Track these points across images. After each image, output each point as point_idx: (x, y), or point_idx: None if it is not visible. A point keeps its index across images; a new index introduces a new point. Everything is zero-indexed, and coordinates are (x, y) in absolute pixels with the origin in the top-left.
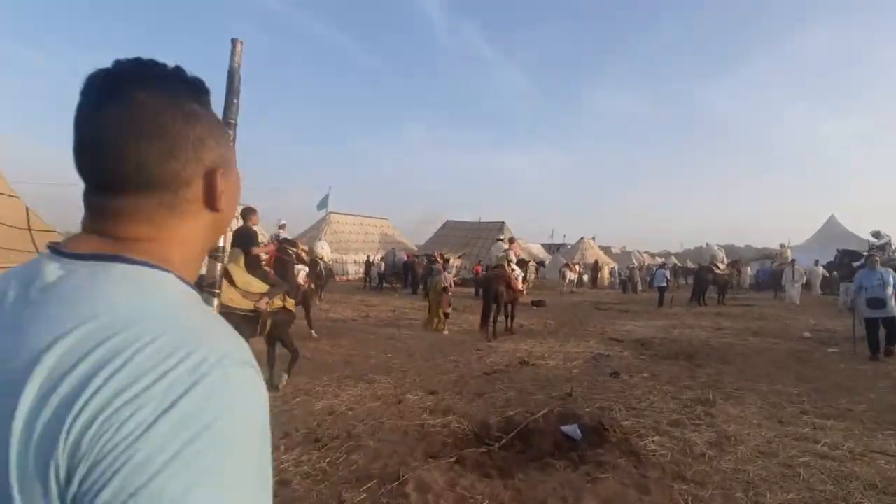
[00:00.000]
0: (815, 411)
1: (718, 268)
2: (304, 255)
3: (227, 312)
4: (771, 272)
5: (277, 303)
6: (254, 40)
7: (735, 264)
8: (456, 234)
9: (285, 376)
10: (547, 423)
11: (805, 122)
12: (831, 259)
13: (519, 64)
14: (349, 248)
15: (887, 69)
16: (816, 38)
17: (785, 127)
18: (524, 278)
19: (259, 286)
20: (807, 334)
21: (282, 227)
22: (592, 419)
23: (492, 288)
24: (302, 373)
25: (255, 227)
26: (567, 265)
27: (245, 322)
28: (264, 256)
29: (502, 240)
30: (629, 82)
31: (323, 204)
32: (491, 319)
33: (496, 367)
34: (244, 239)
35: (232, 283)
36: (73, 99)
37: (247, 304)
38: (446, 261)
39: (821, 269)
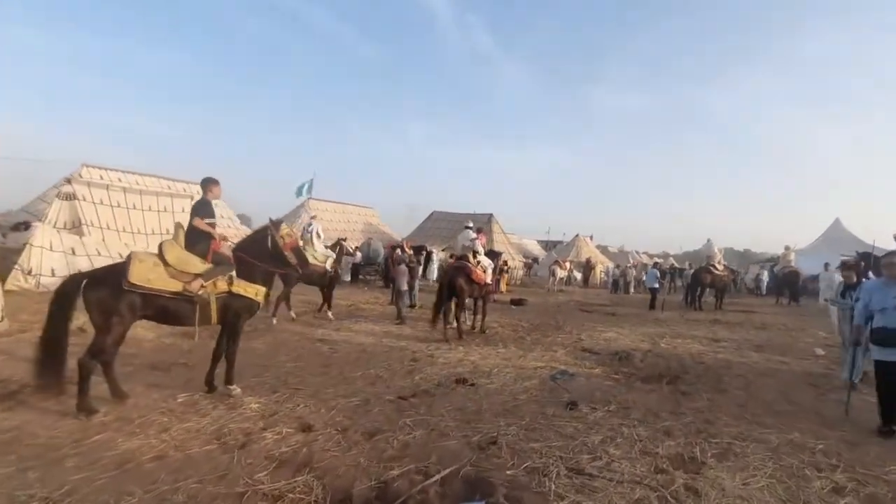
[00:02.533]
0: (855, 488)
1: (716, 268)
2: (287, 239)
3: (146, 294)
4: (774, 277)
5: (221, 285)
6: (244, 23)
7: (733, 270)
8: (443, 225)
9: (235, 389)
10: (442, 495)
11: (808, 125)
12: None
13: (521, 59)
14: (327, 237)
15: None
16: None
17: (787, 130)
18: (501, 271)
19: (196, 265)
20: (820, 352)
21: (313, 217)
22: (510, 494)
23: (450, 281)
24: (156, 387)
25: (213, 200)
26: (557, 262)
27: (177, 306)
28: (216, 233)
29: (471, 227)
30: (633, 81)
31: (304, 190)
32: (444, 316)
33: (422, 386)
34: (194, 210)
35: (164, 260)
36: None
37: (173, 286)
38: (422, 253)
39: (837, 276)
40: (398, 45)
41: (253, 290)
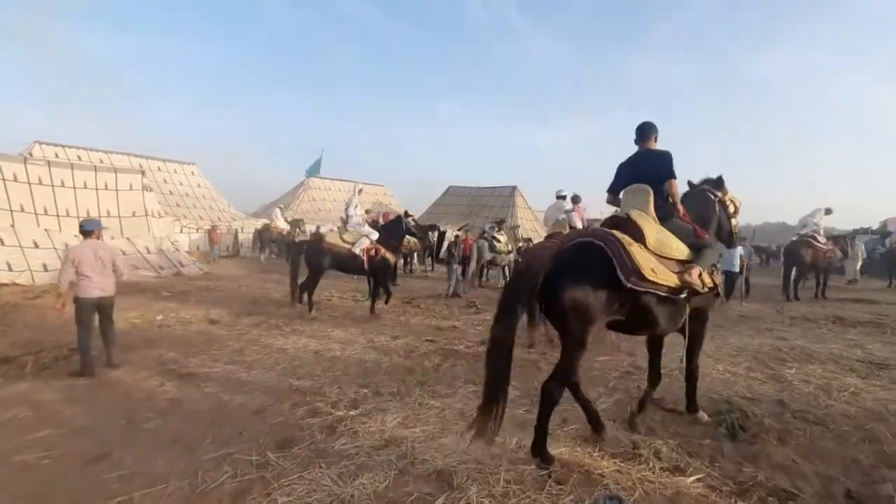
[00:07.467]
0: None
1: (818, 241)
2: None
3: (646, 292)
4: (887, 251)
5: (706, 278)
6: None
7: (839, 241)
8: (459, 201)
9: (703, 416)
10: None
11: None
12: None
13: (555, 33)
14: (329, 217)
15: None
16: None
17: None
18: None
19: (680, 248)
20: None
21: (360, 190)
22: None
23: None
24: None
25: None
26: None
27: (664, 306)
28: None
29: (563, 196)
30: (676, 47)
31: (315, 169)
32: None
33: None
34: (668, 167)
35: (642, 240)
36: None
37: (671, 280)
38: (433, 232)
39: None
40: (425, 23)
41: (710, 282)
